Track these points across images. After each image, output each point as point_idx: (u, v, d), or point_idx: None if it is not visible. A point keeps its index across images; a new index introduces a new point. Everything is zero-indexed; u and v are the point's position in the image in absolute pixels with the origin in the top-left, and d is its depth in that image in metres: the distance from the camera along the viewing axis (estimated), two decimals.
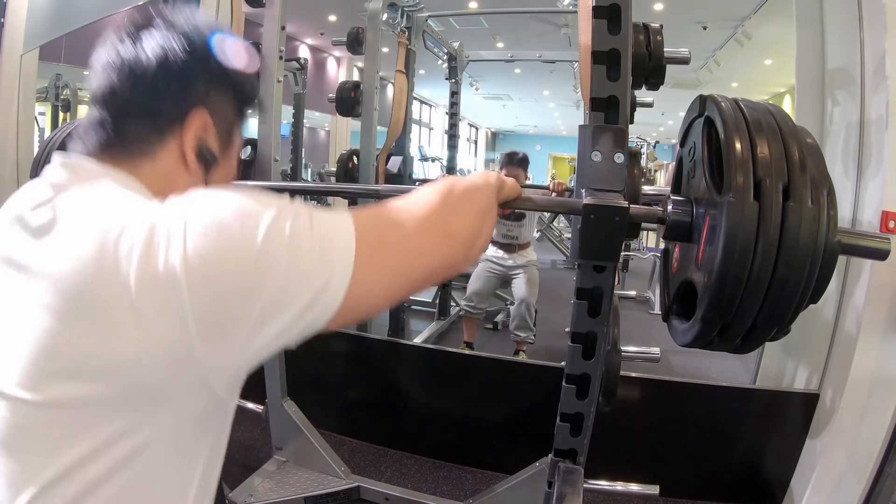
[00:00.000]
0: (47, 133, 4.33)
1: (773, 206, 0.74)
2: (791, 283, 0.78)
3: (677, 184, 1.06)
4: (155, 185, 0.57)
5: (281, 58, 1.73)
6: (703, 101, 0.89)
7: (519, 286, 3.05)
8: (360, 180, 2.62)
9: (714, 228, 0.81)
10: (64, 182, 0.53)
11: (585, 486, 1.31)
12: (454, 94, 3.91)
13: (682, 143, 1.03)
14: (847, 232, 0.87)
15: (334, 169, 3.15)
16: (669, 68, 1.23)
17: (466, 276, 3.23)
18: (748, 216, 0.74)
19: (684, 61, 1.26)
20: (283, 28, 1.73)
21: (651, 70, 1.20)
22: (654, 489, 1.55)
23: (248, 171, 1.76)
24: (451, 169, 4.05)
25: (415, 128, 10.76)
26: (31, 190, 0.54)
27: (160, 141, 0.58)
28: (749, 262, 0.76)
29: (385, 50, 2.87)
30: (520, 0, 4.23)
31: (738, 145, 0.77)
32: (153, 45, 0.57)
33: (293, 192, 1.96)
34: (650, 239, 6.14)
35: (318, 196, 3.81)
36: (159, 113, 0.58)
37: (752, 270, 0.77)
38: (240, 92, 0.64)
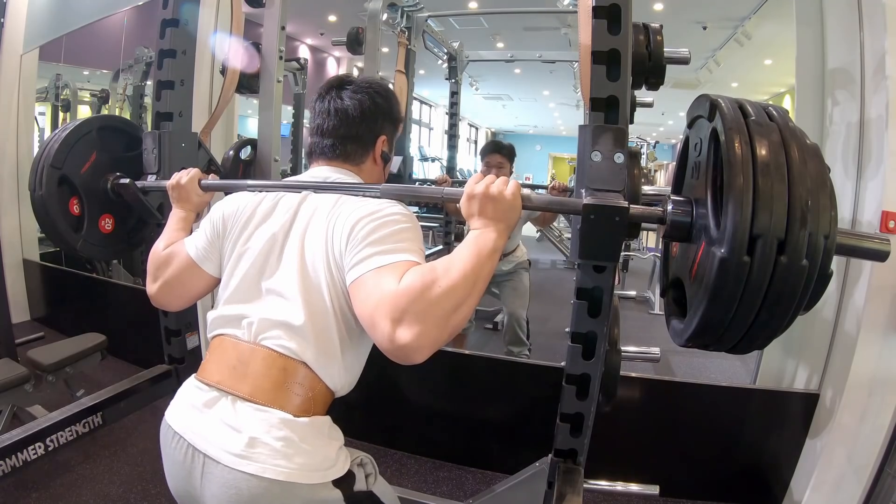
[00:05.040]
0: (47, 133, 4.33)
1: (765, 264, 0.73)
2: (773, 325, 0.79)
3: (678, 183, 1.06)
4: (364, 176, 1.07)
5: (281, 58, 1.72)
6: (712, 107, 0.87)
7: (506, 297, 2.90)
8: None
9: (704, 266, 0.81)
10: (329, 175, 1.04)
11: (585, 486, 1.31)
12: (454, 94, 3.91)
13: (685, 140, 1.03)
14: (847, 233, 0.87)
15: None
16: (669, 68, 1.23)
17: None
18: (737, 275, 0.74)
19: (684, 61, 1.26)
20: (283, 28, 1.73)
21: (651, 70, 1.20)
22: (654, 489, 1.55)
23: (249, 170, 1.76)
24: (450, 169, 4.05)
25: (415, 128, 10.77)
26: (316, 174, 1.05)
27: (365, 154, 1.07)
28: (733, 309, 0.77)
29: (385, 50, 2.87)
30: (520, 0, 4.23)
31: (742, 198, 0.74)
32: (354, 101, 1.03)
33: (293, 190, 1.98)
34: (650, 239, 6.14)
35: None
36: (364, 140, 1.06)
37: (735, 314, 0.78)
38: (397, 122, 1.12)
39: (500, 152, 2.72)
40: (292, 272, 0.90)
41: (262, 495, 0.80)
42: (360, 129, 1.05)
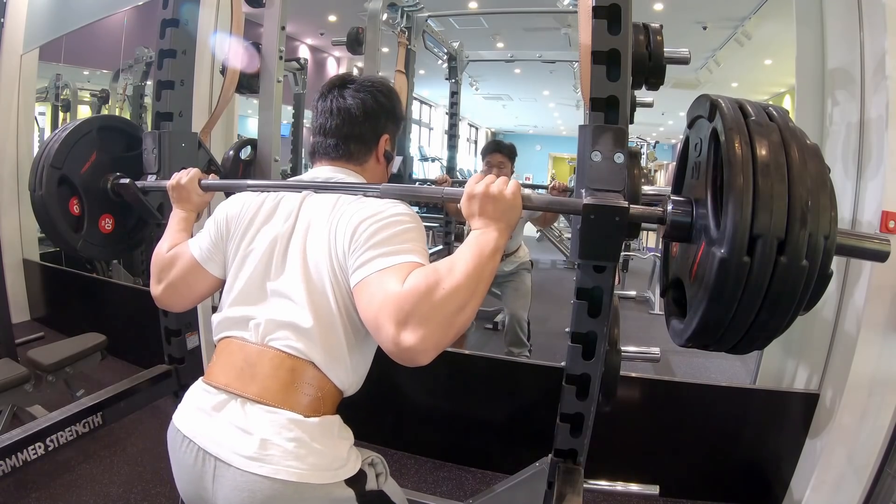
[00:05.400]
0: (47, 133, 4.33)
1: (765, 265, 0.73)
2: (773, 325, 0.79)
3: (678, 183, 1.06)
4: (367, 176, 1.06)
5: (281, 58, 1.73)
6: (712, 108, 0.87)
7: (508, 298, 2.91)
8: None
9: (704, 266, 0.81)
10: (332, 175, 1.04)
11: (585, 486, 1.31)
12: (454, 94, 3.91)
13: (685, 140, 1.03)
14: (847, 233, 0.87)
15: None
16: (669, 68, 1.23)
17: None
18: (737, 276, 0.74)
19: (684, 61, 1.26)
20: (283, 28, 1.73)
21: (651, 70, 1.20)
22: (654, 489, 1.55)
23: (249, 170, 1.76)
24: (450, 169, 4.05)
25: (415, 128, 10.77)
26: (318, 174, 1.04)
27: (368, 153, 1.06)
28: (733, 309, 0.77)
29: (385, 50, 2.87)
30: (520, 0, 4.23)
31: (742, 198, 0.73)
32: (357, 101, 1.02)
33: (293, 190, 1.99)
34: (650, 239, 6.13)
35: None
36: (367, 140, 1.05)
37: (735, 314, 0.78)
38: (400, 121, 1.12)
39: (500, 151, 2.73)
40: (296, 275, 0.90)
41: (276, 497, 0.80)
42: (364, 128, 1.04)
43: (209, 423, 0.87)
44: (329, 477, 0.83)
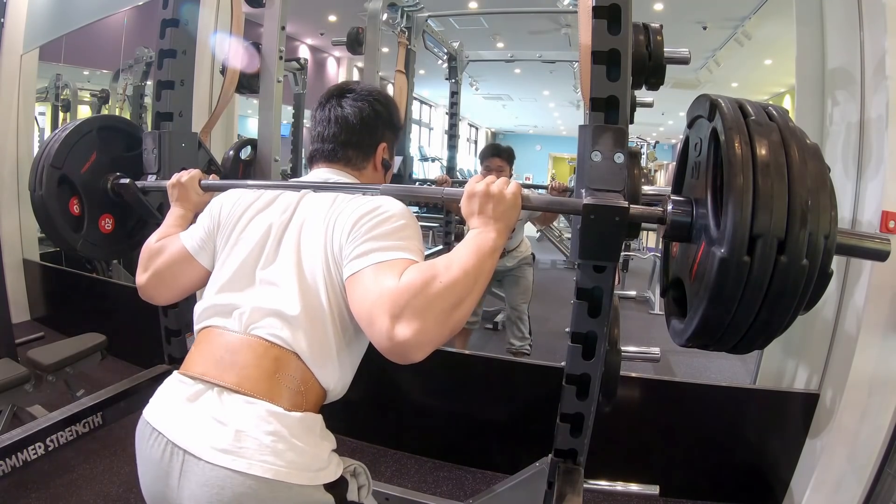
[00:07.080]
0: (47, 133, 4.33)
1: (765, 264, 0.73)
2: (773, 324, 0.79)
3: (678, 183, 1.06)
4: (364, 181, 1.07)
5: (281, 58, 1.73)
6: (711, 107, 0.87)
7: (508, 290, 2.93)
8: None
9: (704, 266, 0.81)
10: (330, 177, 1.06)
11: (585, 486, 1.31)
12: (454, 94, 3.91)
13: (685, 140, 1.03)
14: (847, 233, 0.87)
15: None
16: (669, 68, 1.23)
17: None
18: (737, 275, 0.74)
19: (684, 61, 1.26)
20: (283, 28, 1.73)
21: (651, 70, 1.20)
22: (654, 489, 1.55)
23: (249, 170, 1.76)
24: (450, 169, 4.05)
25: (415, 128, 10.77)
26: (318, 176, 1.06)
27: (366, 160, 1.09)
28: (733, 309, 0.77)
29: (385, 50, 2.87)
30: (520, 0, 4.23)
31: (742, 198, 0.73)
32: (354, 110, 1.05)
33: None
34: (650, 239, 6.13)
35: None
36: (364, 147, 1.08)
37: (735, 314, 0.78)
38: (397, 130, 1.14)
39: (499, 156, 2.72)
40: (289, 265, 0.89)
41: (247, 494, 0.74)
42: (361, 136, 1.06)
43: (181, 415, 0.82)
44: (307, 478, 0.78)
